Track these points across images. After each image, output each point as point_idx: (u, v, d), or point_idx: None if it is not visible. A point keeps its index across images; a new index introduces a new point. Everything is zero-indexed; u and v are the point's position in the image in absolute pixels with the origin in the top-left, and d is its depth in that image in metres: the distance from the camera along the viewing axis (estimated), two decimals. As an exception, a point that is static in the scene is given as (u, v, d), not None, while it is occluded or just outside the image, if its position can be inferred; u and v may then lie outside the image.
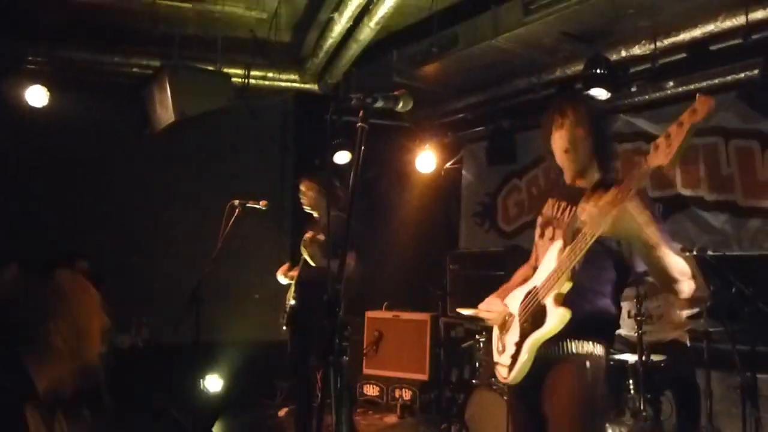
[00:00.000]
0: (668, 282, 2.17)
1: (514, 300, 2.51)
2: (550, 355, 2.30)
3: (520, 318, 2.41)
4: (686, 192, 5.37)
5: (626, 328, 4.40)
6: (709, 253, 4.10)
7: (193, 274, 4.51)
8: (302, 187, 4.76)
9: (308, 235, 4.47)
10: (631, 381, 3.82)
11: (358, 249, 4.31)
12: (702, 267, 4.26)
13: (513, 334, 2.42)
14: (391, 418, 6.07)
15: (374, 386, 6.37)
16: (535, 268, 2.49)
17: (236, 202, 4.63)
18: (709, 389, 3.88)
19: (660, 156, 1.94)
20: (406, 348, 6.30)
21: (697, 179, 5.30)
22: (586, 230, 2.14)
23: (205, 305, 4.44)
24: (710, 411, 3.87)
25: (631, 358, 3.88)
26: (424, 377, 6.19)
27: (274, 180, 6.96)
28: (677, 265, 2.15)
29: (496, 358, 2.52)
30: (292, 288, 4.67)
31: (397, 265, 6.92)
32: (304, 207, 4.73)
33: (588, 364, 2.29)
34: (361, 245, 4.39)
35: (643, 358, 3.65)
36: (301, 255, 4.56)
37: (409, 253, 7.03)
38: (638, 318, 3.70)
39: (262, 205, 4.72)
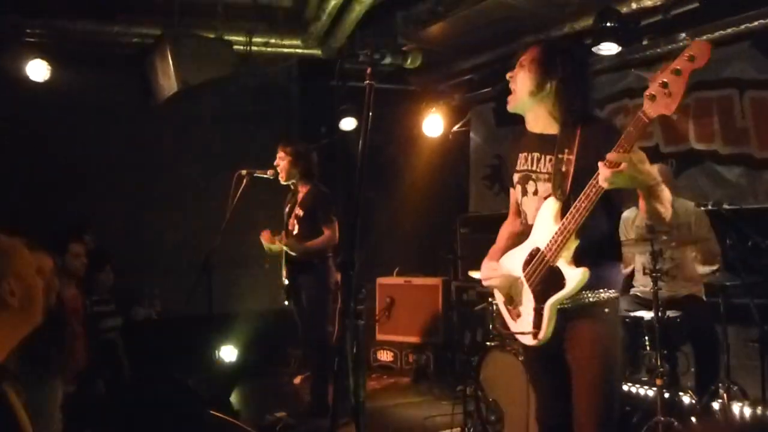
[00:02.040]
0: (660, 215, 2.22)
1: (513, 263, 2.45)
2: (568, 309, 2.29)
3: (529, 283, 2.36)
4: (700, 146, 5.28)
5: (641, 284, 4.38)
6: (725, 206, 4.04)
7: (203, 245, 4.50)
8: (277, 156, 4.74)
9: (277, 242, 4.59)
10: (646, 337, 3.79)
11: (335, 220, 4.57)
12: (717, 221, 4.21)
13: (527, 300, 2.38)
14: (406, 382, 6.10)
15: (388, 352, 6.39)
16: (528, 227, 2.43)
17: (243, 171, 4.62)
18: (726, 343, 3.85)
19: (660, 106, 1.92)
20: (418, 313, 6.30)
21: (711, 133, 5.20)
22: (592, 186, 2.12)
23: (217, 276, 4.45)
24: (728, 365, 3.85)
25: (646, 314, 3.85)
26: (437, 341, 6.20)
27: (280, 148, 6.89)
28: (668, 196, 2.23)
29: (513, 328, 2.49)
30: (284, 267, 4.73)
31: (407, 231, 6.90)
32: (280, 179, 4.72)
33: (606, 312, 2.30)
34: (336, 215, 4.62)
35: (659, 314, 3.61)
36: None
37: (418, 218, 6.99)
38: (654, 274, 3.65)
39: (269, 174, 4.70)
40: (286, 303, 4.71)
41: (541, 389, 2.55)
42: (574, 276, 2.21)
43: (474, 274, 4.55)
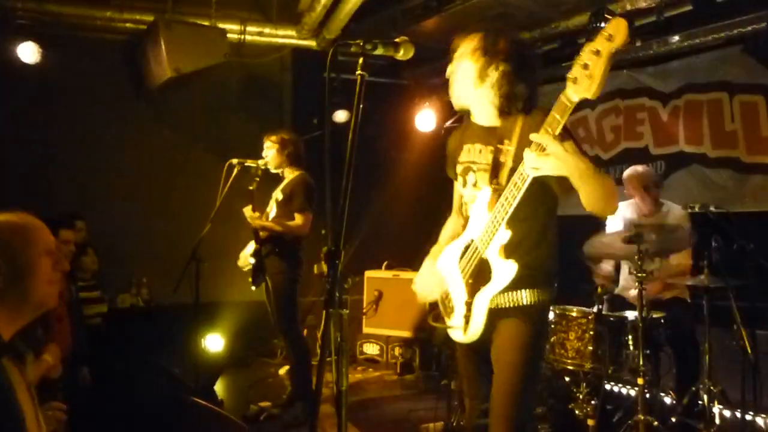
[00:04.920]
0: (605, 204, 2.10)
1: (450, 258, 2.40)
2: (499, 308, 2.24)
3: (463, 276, 2.31)
4: (689, 149, 5.31)
5: (627, 285, 4.41)
6: (711, 209, 4.07)
7: (193, 234, 4.49)
8: (264, 145, 4.73)
9: (249, 212, 4.51)
10: (630, 337, 3.82)
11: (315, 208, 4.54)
12: (704, 223, 4.24)
13: (459, 294, 2.32)
14: (392, 376, 6.12)
15: (374, 345, 6.41)
16: (466, 220, 2.38)
17: (234, 161, 4.61)
18: (709, 345, 3.89)
19: (581, 89, 1.85)
20: (405, 307, 6.30)
21: (700, 136, 5.24)
22: (519, 174, 2.05)
23: (205, 265, 4.44)
24: (709, 367, 3.88)
25: (630, 314, 3.88)
26: (423, 335, 6.21)
27: (271, 139, 6.87)
28: (611, 185, 2.10)
29: (447, 321, 2.42)
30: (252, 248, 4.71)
31: (397, 225, 6.90)
32: (268, 165, 4.71)
33: (533, 315, 2.25)
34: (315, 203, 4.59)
35: (643, 314, 3.64)
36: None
37: (408, 213, 6.99)
38: (638, 275, 3.68)
39: (260, 164, 4.68)
40: (253, 288, 4.69)
41: (467, 387, 2.50)
42: (503, 269, 2.15)
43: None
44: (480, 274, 2.23)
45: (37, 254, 1.74)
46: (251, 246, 4.78)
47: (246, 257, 4.75)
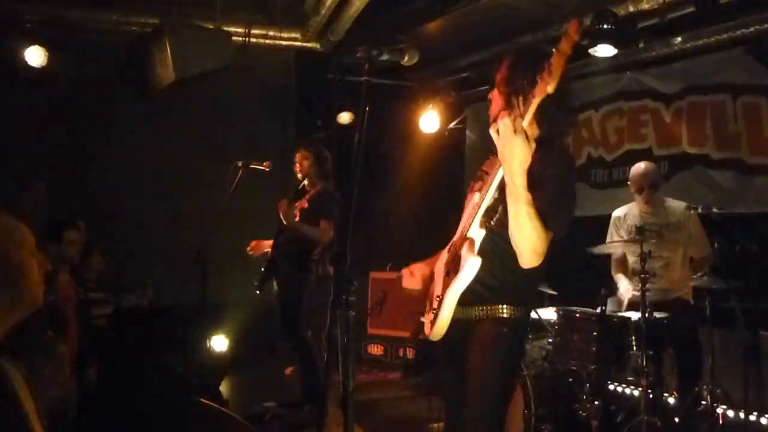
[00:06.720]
0: (528, 237, 2.06)
1: (441, 258, 2.46)
2: (470, 319, 2.26)
3: (444, 272, 2.36)
4: (692, 150, 5.32)
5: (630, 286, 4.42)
6: (714, 210, 4.07)
7: (198, 235, 4.53)
8: (297, 157, 4.77)
9: (285, 207, 4.52)
10: (633, 338, 3.83)
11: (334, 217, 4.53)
12: (707, 225, 4.26)
13: (437, 290, 2.37)
14: (395, 377, 6.14)
15: (378, 346, 6.44)
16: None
17: (239, 163, 4.65)
18: (712, 346, 3.90)
19: (543, 86, 1.96)
20: (409, 308, 6.32)
21: (703, 137, 5.25)
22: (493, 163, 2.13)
23: (210, 265, 4.47)
24: (712, 368, 3.89)
25: (633, 315, 3.90)
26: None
27: (276, 140, 6.90)
28: (537, 224, 2.05)
29: (424, 318, 2.47)
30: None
31: (401, 226, 6.92)
32: (298, 176, 4.75)
33: (504, 331, 2.23)
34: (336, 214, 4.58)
35: (646, 315, 3.65)
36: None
37: (412, 214, 7.02)
38: (641, 276, 3.69)
39: (265, 166, 4.73)
40: (258, 293, 4.72)
41: (444, 394, 2.52)
42: (469, 262, 2.17)
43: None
44: (453, 269, 2.28)
45: (26, 256, 1.68)
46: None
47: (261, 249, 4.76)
